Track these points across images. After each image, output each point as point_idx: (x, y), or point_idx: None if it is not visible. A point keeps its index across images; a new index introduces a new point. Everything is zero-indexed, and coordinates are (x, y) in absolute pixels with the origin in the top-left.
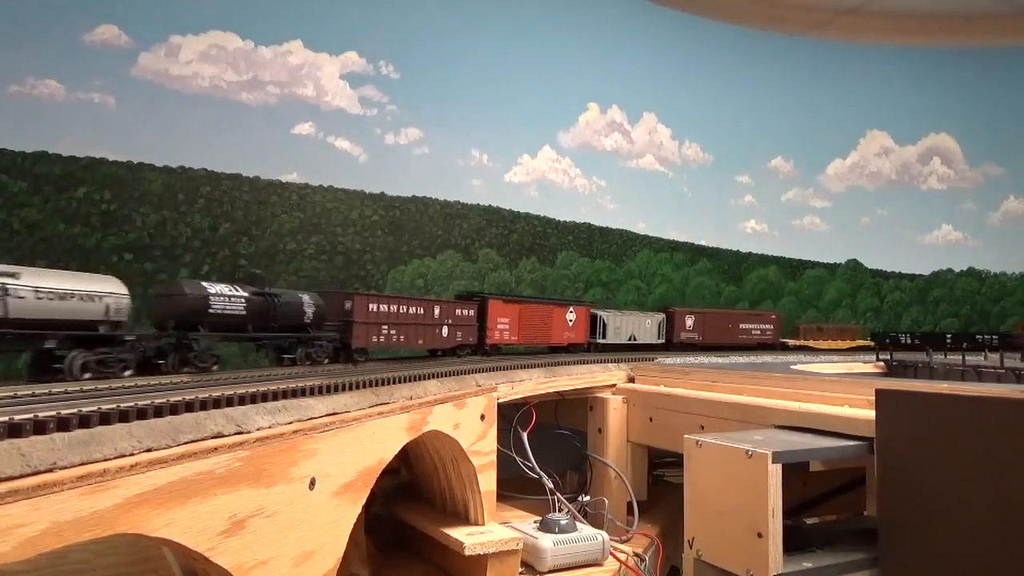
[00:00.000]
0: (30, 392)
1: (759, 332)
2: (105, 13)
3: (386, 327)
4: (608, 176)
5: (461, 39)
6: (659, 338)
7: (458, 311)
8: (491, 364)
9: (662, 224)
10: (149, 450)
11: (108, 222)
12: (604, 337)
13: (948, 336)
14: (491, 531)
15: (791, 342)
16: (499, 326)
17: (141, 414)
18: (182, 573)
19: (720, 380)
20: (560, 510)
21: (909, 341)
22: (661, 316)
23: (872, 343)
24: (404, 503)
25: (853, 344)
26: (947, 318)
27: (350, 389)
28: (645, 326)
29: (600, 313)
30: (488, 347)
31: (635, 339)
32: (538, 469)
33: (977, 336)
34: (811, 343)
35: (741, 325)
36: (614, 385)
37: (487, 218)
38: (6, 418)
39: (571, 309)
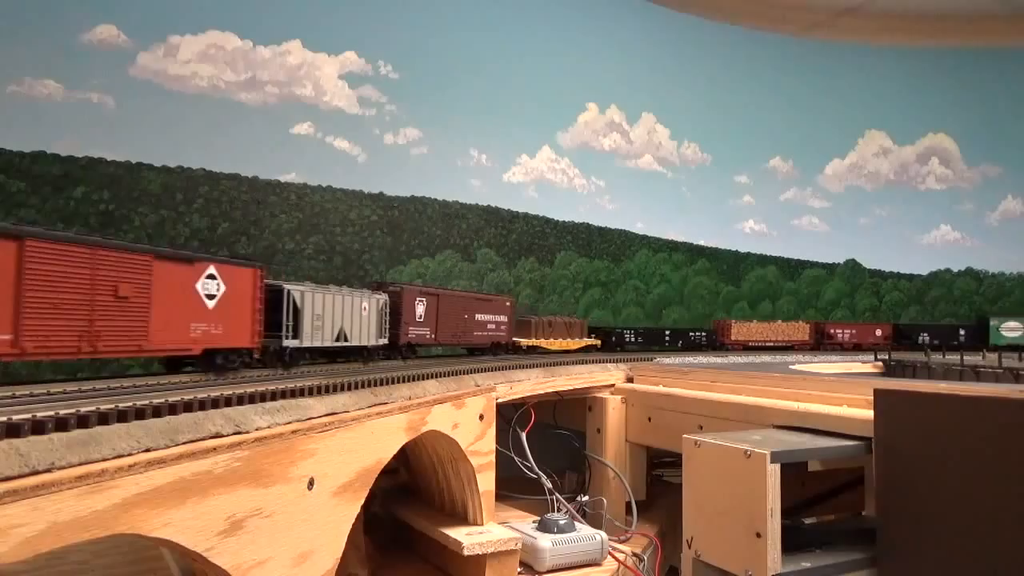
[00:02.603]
0: (28, 392)
1: (494, 326)
2: (104, 13)
3: None
4: (607, 176)
5: (460, 39)
6: (381, 336)
7: None
8: (489, 365)
9: (661, 224)
10: (148, 450)
11: (106, 222)
12: (297, 335)
13: (666, 332)
14: (490, 531)
15: (523, 342)
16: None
17: (139, 414)
18: (180, 573)
19: (719, 380)
20: (559, 510)
21: (633, 339)
22: (383, 298)
23: (596, 340)
24: (403, 503)
25: (583, 344)
26: (945, 318)
27: (349, 389)
28: (361, 316)
29: (292, 289)
30: None
31: (346, 338)
32: (537, 469)
33: (691, 333)
34: (543, 343)
35: (477, 316)
36: (612, 385)
37: (486, 218)
38: (4, 418)
39: (211, 270)
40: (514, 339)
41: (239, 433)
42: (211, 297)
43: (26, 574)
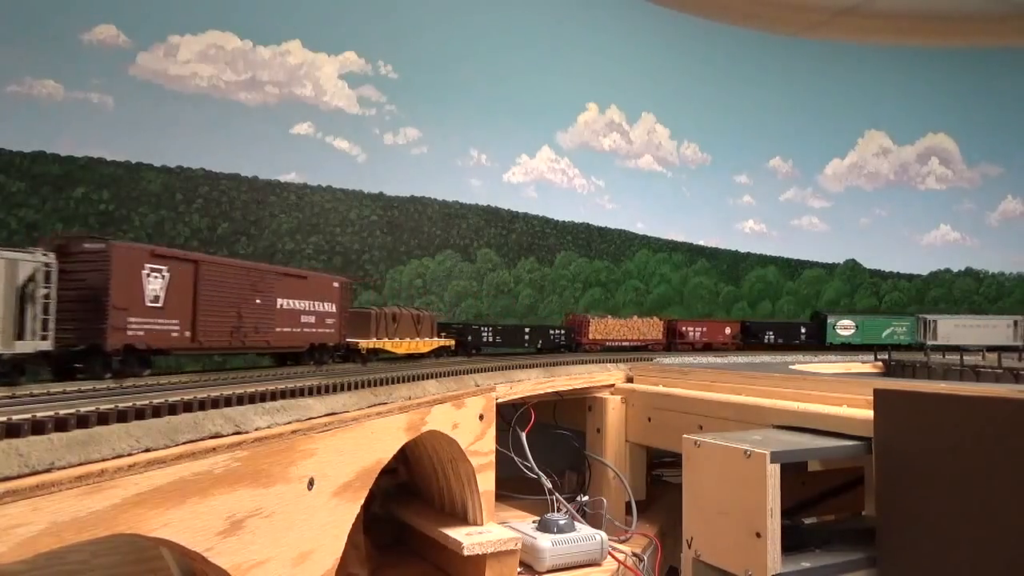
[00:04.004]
0: (28, 392)
1: (313, 319)
2: (104, 13)
3: None
4: (607, 176)
5: (460, 39)
6: (30, 334)
7: None
8: (490, 364)
9: (661, 224)
10: (147, 450)
11: (106, 222)
12: None
13: (526, 331)
14: (489, 531)
15: (362, 344)
16: None
17: (139, 414)
18: (180, 573)
19: (719, 380)
20: (559, 510)
21: (491, 339)
22: (34, 262)
23: (449, 341)
24: (403, 503)
25: (433, 345)
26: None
27: (349, 389)
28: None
29: None
30: None
31: None
32: (537, 469)
33: (551, 332)
34: (387, 344)
35: (282, 303)
36: (612, 385)
37: (486, 218)
38: (4, 418)
39: None
40: (349, 340)
41: (239, 433)
42: None
43: (26, 574)
